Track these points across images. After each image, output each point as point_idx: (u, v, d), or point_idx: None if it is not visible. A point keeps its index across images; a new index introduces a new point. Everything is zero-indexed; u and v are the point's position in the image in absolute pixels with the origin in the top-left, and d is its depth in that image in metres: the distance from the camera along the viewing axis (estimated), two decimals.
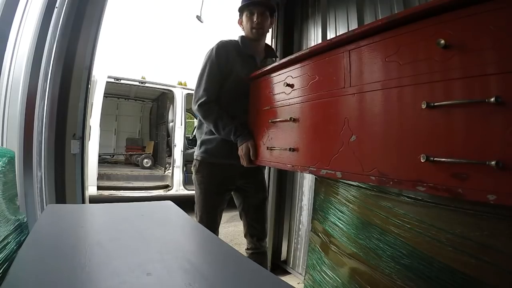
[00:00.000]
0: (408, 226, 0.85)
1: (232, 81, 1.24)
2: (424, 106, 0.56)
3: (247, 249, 1.37)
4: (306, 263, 1.31)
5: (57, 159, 1.24)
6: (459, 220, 0.74)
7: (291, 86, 0.94)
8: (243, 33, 1.31)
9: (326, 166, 0.80)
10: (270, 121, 1.04)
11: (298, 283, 1.84)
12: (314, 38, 1.94)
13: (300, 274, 1.94)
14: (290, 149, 0.93)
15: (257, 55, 1.31)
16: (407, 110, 0.60)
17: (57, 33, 1.22)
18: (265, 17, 1.25)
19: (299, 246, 1.99)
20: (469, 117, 0.51)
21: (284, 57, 1.16)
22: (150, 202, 1.13)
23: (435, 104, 0.54)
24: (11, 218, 0.73)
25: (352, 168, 0.72)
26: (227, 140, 1.22)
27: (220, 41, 1.26)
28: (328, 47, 0.80)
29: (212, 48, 1.24)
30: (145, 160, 6.08)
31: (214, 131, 1.23)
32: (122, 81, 4.55)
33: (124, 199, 3.71)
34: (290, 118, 0.93)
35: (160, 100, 6.89)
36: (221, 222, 1.33)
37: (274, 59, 1.40)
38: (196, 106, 1.23)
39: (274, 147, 1.01)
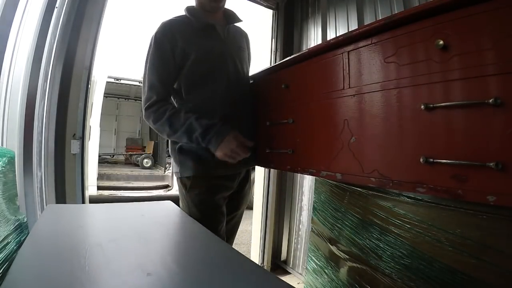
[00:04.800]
0: (408, 226, 0.85)
1: (193, 65, 0.97)
2: (422, 107, 0.56)
3: None
4: (306, 263, 1.31)
5: (57, 159, 1.24)
6: (459, 220, 0.74)
7: (289, 87, 0.94)
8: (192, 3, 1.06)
9: (325, 167, 0.80)
10: (268, 123, 1.04)
11: (298, 283, 1.85)
12: (314, 38, 1.94)
13: (300, 274, 1.94)
14: (289, 151, 0.93)
15: (217, 23, 1.03)
16: (407, 111, 0.60)
17: (57, 33, 1.22)
18: None
19: (299, 246, 2.00)
20: (468, 118, 0.51)
21: (284, 57, 1.15)
22: (150, 202, 1.14)
23: (434, 105, 0.54)
24: (11, 218, 0.73)
25: (352, 170, 0.72)
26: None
27: (162, 23, 0.98)
28: (327, 49, 0.80)
29: (152, 36, 0.98)
30: (145, 160, 6.09)
31: (171, 137, 0.97)
32: (122, 81, 4.55)
33: (124, 199, 3.71)
34: (289, 120, 0.93)
35: None
36: None
37: (238, 25, 1.14)
38: (144, 112, 0.96)
39: (273, 149, 1.01)
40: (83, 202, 1.33)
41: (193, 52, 0.96)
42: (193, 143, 0.94)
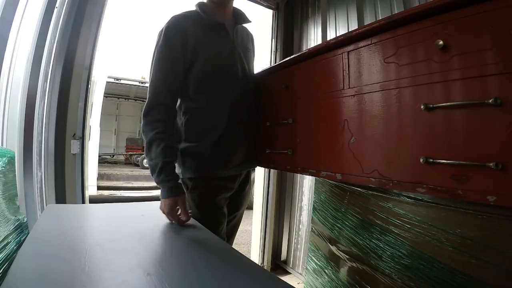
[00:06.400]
0: (408, 226, 0.85)
1: (203, 65, 0.94)
2: (422, 107, 0.56)
3: None
4: (306, 263, 1.31)
5: (57, 159, 1.24)
6: (459, 220, 0.74)
7: (289, 87, 0.94)
8: None
9: (325, 168, 0.80)
10: (268, 123, 1.04)
11: (298, 283, 1.85)
12: (314, 38, 1.94)
13: (300, 274, 1.94)
14: (289, 151, 0.92)
15: (226, 22, 1.01)
16: (406, 111, 0.60)
17: (57, 33, 1.22)
18: None
19: (299, 246, 2.00)
20: (468, 118, 0.51)
21: (284, 57, 1.15)
22: (150, 202, 1.13)
23: (434, 105, 0.54)
24: (11, 218, 0.73)
25: (352, 170, 0.72)
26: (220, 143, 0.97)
27: (172, 17, 0.94)
28: (327, 49, 0.80)
29: (161, 30, 0.92)
30: (145, 160, 6.08)
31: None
32: (122, 81, 4.56)
33: (124, 199, 3.71)
34: (289, 120, 0.93)
35: None
36: None
37: (245, 26, 1.12)
38: (141, 118, 0.93)
39: (273, 149, 1.01)
40: (83, 202, 1.33)
41: (204, 51, 0.94)
42: (153, 177, 0.93)
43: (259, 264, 2.03)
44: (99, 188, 3.85)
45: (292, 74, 0.95)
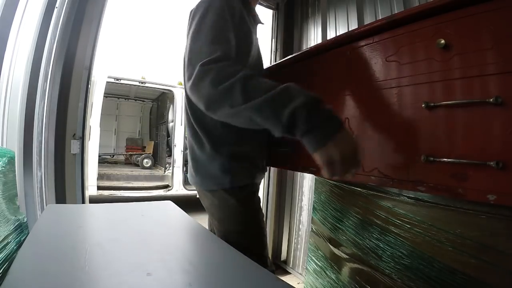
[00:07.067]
0: (408, 226, 0.85)
1: (239, 53, 0.76)
2: (423, 106, 0.56)
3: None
4: (306, 263, 1.31)
5: (57, 159, 1.24)
6: (459, 220, 0.74)
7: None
8: None
9: None
10: None
11: (298, 283, 1.85)
12: (314, 38, 1.94)
13: (300, 274, 1.94)
14: (290, 150, 0.92)
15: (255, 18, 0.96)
16: (407, 110, 0.60)
17: (57, 33, 1.22)
18: None
19: (299, 246, 2.00)
20: (469, 117, 0.51)
21: (284, 56, 1.15)
22: (150, 202, 1.13)
23: (435, 104, 0.54)
24: (11, 218, 0.73)
25: None
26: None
27: None
28: (328, 47, 0.80)
29: (205, 3, 0.76)
30: (145, 160, 6.08)
31: (238, 109, 0.61)
32: (122, 81, 4.55)
33: (124, 199, 3.71)
34: None
35: (160, 100, 6.92)
36: None
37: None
38: (199, 68, 0.64)
39: (274, 148, 1.01)
40: (83, 202, 1.33)
41: (242, 40, 0.78)
42: (277, 120, 0.58)
43: None
44: (99, 188, 3.83)
45: (293, 73, 0.95)
